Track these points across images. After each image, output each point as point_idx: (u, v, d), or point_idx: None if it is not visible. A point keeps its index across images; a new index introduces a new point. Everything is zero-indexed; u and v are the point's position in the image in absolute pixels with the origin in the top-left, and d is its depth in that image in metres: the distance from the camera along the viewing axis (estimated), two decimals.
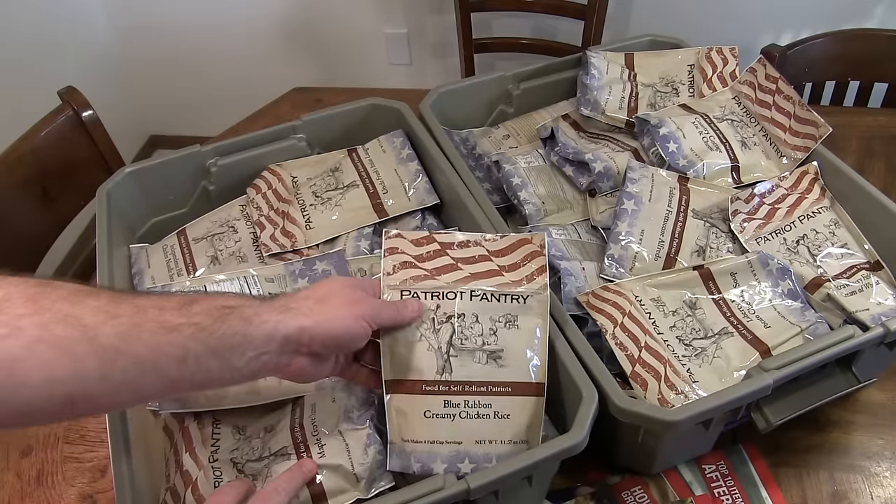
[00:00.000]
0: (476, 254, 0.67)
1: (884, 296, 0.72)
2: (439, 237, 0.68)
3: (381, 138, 0.91)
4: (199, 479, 0.60)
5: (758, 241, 0.78)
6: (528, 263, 0.66)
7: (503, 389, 0.61)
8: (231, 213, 0.87)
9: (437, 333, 0.62)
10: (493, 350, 0.62)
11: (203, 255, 0.82)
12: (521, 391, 0.61)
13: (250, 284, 0.73)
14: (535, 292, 0.64)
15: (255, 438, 0.63)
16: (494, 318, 0.63)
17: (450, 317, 0.62)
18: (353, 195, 0.85)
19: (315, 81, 2.14)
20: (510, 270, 0.66)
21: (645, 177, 0.82)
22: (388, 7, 2.01)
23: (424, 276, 0.65)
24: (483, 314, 0.63)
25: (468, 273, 0.65)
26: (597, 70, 0.96)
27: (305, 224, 0.83)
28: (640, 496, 0.70)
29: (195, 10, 2.09)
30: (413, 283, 0.64)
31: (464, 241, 0.68)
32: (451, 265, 0.66)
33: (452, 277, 0.65)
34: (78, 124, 1.16)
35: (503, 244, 0.67)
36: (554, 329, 0.65)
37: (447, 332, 0.62)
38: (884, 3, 1.71)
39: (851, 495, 0.70)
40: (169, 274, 0.80)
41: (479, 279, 0.65)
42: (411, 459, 0.60)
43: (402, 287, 0.63)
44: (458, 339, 0.62)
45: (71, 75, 1.29)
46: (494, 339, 0.62)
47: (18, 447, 0.79)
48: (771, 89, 0.88)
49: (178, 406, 0.65)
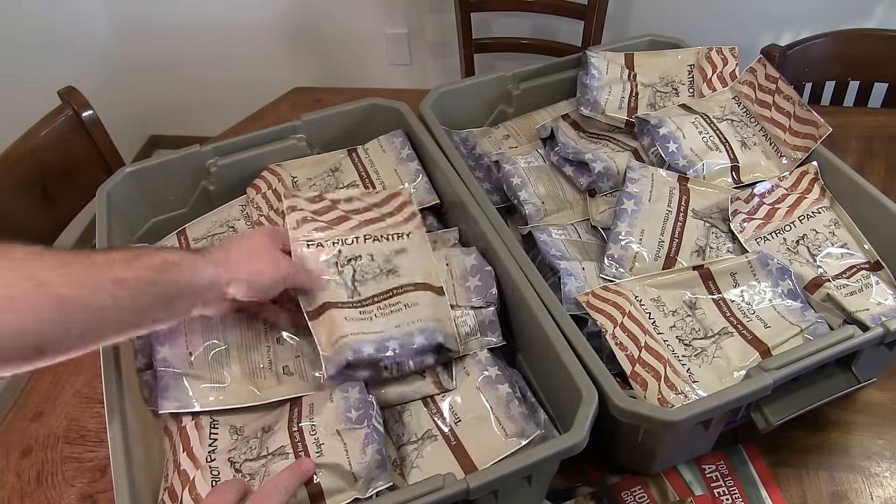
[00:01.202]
0: (360, 206, 0.79)
1: (884, 296, 0.72)
2: (329, 195, 0.80)
3: (381, 138, 0.91)
4: (196, 478, 0.60)
5: (758, 241, 0.78)
6: (403, 210, 0.79)
7: (406, 288, 0.72)
8: (231, 213, 0.87)
9: (342, 274, 0.73)
10: (390, 269, 0.73)
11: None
12: (422, 288, 0.72)
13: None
14: (414, 230, 0.77)
15: (253, 438, 0.63)
16: (386, 252, 0.75)
17: (349, 259, 0.74)
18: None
19: (315, 81, 2.14)
20: (389, 216, 0.78)
21: (645, 177, 0.82)
22: (388, 7, 2.01)
23: (324, 227, 0.76)
24: (377, 253, 0.74)
25: (358, 221, 0.77)
26: (597, 70, 0.96)
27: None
28: (640, 496, 0.70)
29: (195, 11, 2.09)
30: (315, 233, 0.75)
31: (348, 197, 0.80)
32: (343, 217, 0.78)
33: (347, 226, 0.77)
34: (78, 124, 1.16)
35: (378, 198, 0.80)
36: (554, 329, 0.65)
37: (350, 272, 0.73)
38: (884, 3, 1.71)
39: (851, 495, 0.70)
40: None
41: (367, 225, 0.77)
42: (343, 353, 0.65)
43: (308, 238, 0.74)
44: (360, 274, 0.73)
45: (71, 75, 1.29)
46: (389, 264, 0.74)
47: (18, 447, 0.79)
48: (771, 89, 0.88)
49: (177, 406, 0.65)
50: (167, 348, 0.67)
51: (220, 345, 0.69)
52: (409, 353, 0.66)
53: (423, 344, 0.66)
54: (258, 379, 0.68)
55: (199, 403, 0.66)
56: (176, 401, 0.65)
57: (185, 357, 0.67)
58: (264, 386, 0.68)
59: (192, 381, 0.67)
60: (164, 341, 0.68)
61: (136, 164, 0.87)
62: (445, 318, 0.70)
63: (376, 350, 0.65)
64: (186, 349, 0.68)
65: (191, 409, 0.66)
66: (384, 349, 0.65)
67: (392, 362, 0.66)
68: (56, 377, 0.86)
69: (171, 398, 0.66)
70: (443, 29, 2.00)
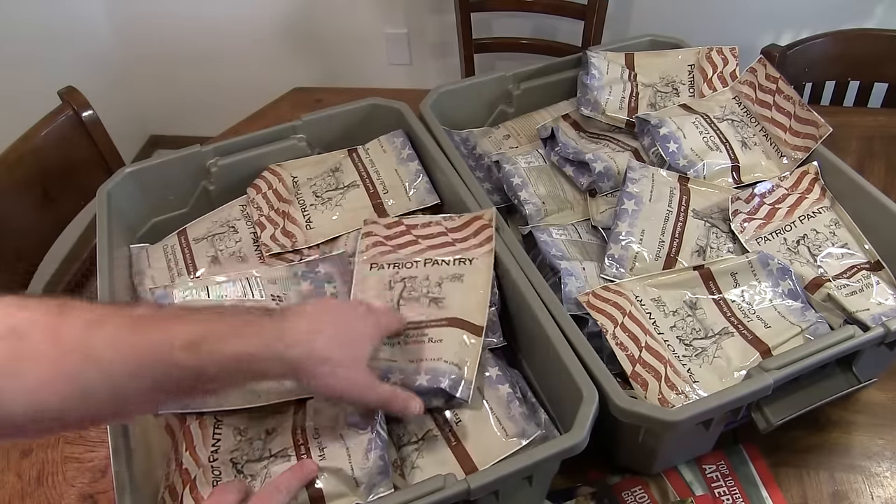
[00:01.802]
0: (436, 231, 0.78)
1: (884, 296, 0.72)
2: (407, 220, 0.79)
3: (382, 138, 0.91)
4: (197, 477, 0.60)
5: (758, 241, 0.78)
6: (479, 234, 0.76)
7: (440, 323, 0.69)
8: (231, 213, 0.87)
9: (392, 291, 0.73)
10: (435, 297, 0.71)
11: (203, 255, 0.82)
12: (456, 325, 0.68)
13: (252, 286, 0.73)
14: (482, 256, 0.73)
15: (256, 440, 0.63)
16: (443, 276, 0.73)
17: (403, 279, 0.73)
18: (354, 195, 0.85)
19: (315, 81, 2.14)
20: (462, 242, 0.76)
21: (645, 177, 0.81)
22: (388, 7, 2.01)
23: (388, 251, 0.76)
24: (433, 275, 0.73)
25: (425, 246, 0.76)
26: (597, 70, 0.96)
27: (306, 224, 0.83)
28: (641, 496, 0.70)
29: (195, 11, 2.09)
30: (380, 257, 0.75)
31: (427, 222, 0.79)
32: (412, 241, 0.77)
33: (411, 250, 0.76)
34: (78, 124, 1.15)
35: (459, 222, 0.78)
36: (554, 329, 0.65)
37: (399, 289, 0.72)
38: (884, 3, 1.71)
39: (852, 495, 0.70)
40: (170, 274, 0.80)
41: (433, 250, 0.75)
42: None
43: (371, 261, 0.75)
44: (407, 291, 0.72)
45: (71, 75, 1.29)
46: (439, 289, 0.72)
47: (19, 447, 0.79)
48: (771, 89, 0.88)
49: (180, 407, 0.65)
50: None
51: None
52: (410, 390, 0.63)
53: (424, 385, 0.63)
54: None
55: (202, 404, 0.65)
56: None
57: None
58: (267, 388, 0.67)
59: None
60: None
61: (137, 164, 0.87)
62: (470, 361, 0.65)
63: (378, 376, 0.63)
64: None
65: (193, 410, 0.65)
66: (386, 379, 0.64)
67: None
68: None
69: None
70: (443, 29, 2.00)
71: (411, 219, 0.79)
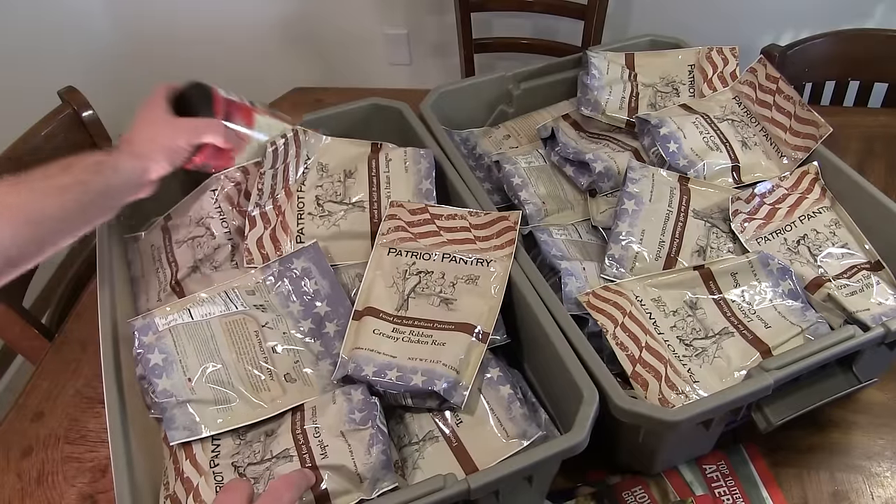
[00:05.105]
0: (459, 225, 0.77)
1: (884, 296, 0.72)
2: (432, 209, 0.78)
3: (409, 152, 0.84)
4: (200, 484, 0.60)
5: (758, 241, 0.78)
6: (502, 236, 0.75)
7: (447, 326, 0.69)
8: (203, 206, 0.82)
9: (406, 281, 0.72)
10: (447, 298, 0.71)
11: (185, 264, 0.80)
12: (462, 329, 0.68)
13: (233, 299, 0.72)
14: (500, 259, 0.73)
15: (256, 442, 0.63)
16: (459, 276, 0.72)
17: (420, 272, 0.73)
18: (355, 217, 0.80)
19: (315, 81, 2.13)
20: (483, 241, 0.75)
21: (645, 177, 0.81)
22: (388, 7, 2.01)
23: (409, 239, 0.75)
24: (449, 273, 0.73)
25: (446, 239, 0.76)
26: (597, 70, 0.96)
27: (297, 234, 0.78)
28: (641, 496, 0.70)
29: (195, 11, 2.09)
30: (399, 242, 0.75)
31: (451, 214, 0.78)
32: (434, 232, 0.76)
33: (431, 241, 0.75)
34: (78, 124, 1.15)
35: (484, 220, 0.77)
36: (554, 329, 0.65)
37: (413, 282, 0.72)
38: (884, 3, 1.71)
39: (852, 495, 0.70)
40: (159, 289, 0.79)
41: (453, 244, 0.75)
42: (348, 364, 0.66)
43: (390, 245, 0.75)
44: (420, 287, 0.72)
45: (71, 75, 1.29)
46: (452, 290, 0.72)
47: (19, 447, 0.79)
48: (771, 89, 0.88)
49: (187, 435, 0.63)
50: (165, 379, 0.65)
51: (217, 365, 0.67)
52: (403, 389, 0.64)
53: (418, 386, 0.64)
54: (262, 392, 0.67)
55: (207, 428, 0.64)
56: (185, 430, 0.63)
57: (185, 384, 0.65)
58: (270, 398, 0.67)
59: (197, 406, 0.65)
60: (160, 373, 0.65)
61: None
62: (470, 366, 0.66)
63: (374, 374, 0.65)
64: (184, 375, 0.66)
65: (200, 436, 0.63)
66: (382, 374, 0.65)
67: (387, 390, 0.65)
68: (56, 377, 0.86)
69: (179, 427, 0.63)
70: (443, 29, 2.00)
71: (437, 208, 0.78)
